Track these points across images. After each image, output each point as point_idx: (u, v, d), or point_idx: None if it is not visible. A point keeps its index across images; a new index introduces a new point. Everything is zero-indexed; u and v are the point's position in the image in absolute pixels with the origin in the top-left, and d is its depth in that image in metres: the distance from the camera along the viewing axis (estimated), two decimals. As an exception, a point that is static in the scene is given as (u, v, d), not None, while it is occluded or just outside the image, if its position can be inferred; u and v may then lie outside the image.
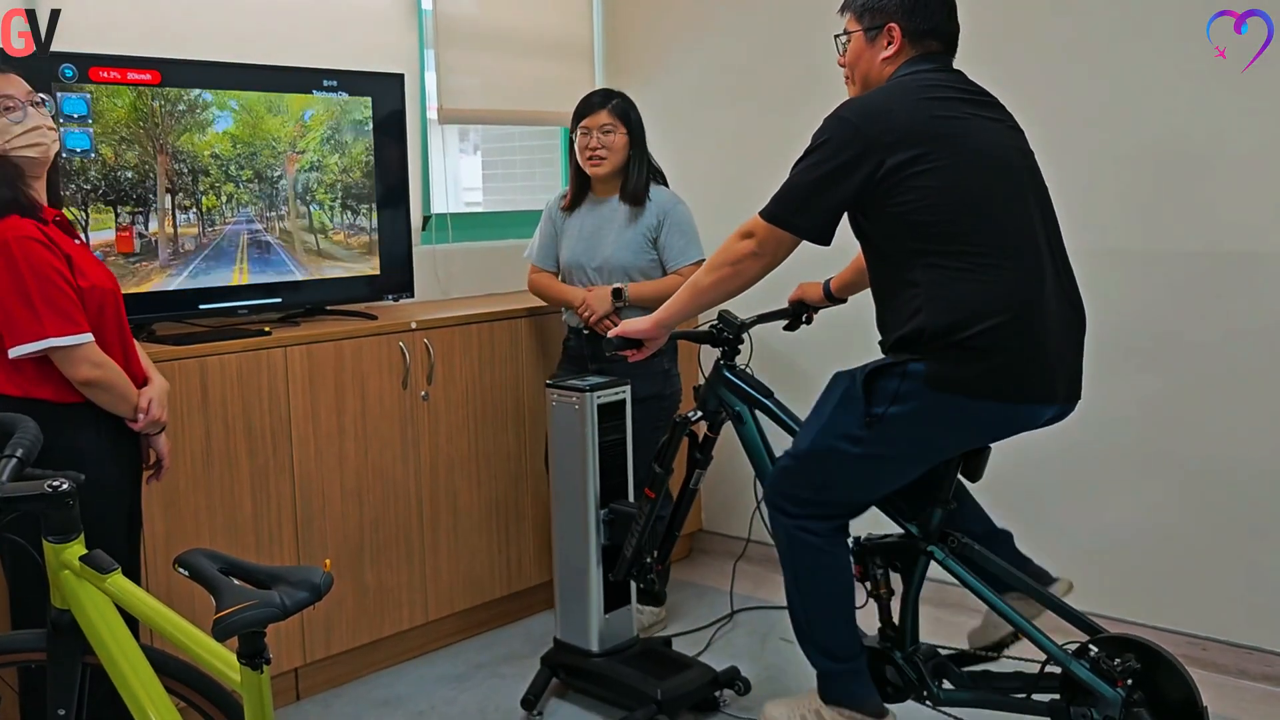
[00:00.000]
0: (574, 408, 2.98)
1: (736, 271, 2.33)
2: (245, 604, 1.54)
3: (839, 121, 2.21)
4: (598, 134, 3.26)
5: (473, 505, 3.38)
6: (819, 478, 2.33)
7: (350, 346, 3.05)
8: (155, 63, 2.83)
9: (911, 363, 2.17)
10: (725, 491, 3.97)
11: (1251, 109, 2.91)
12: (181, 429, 2.72)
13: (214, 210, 2.97)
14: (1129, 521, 3.21)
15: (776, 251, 2.29)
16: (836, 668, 2.41)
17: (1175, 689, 2.24)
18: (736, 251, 2.32)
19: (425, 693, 3.11)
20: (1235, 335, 3.02)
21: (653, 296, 3.08)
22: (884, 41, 2.31)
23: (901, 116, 2.17)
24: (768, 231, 2.26)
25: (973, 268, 2.13)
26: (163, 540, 2.70)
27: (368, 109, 3.24)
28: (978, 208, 2.16)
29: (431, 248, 3.76)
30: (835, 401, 2.29)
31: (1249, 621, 3.07)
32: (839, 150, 2.17)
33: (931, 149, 2.14)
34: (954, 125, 2.19)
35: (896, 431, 2.21)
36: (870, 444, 2.23)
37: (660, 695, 2.79)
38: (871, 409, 2.21)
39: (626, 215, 3.28)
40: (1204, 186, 3.02)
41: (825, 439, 2.29)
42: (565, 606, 3.07)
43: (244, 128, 3.00)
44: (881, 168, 2.14)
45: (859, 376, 2.24)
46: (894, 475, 2.35)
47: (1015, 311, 2.13)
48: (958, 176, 2.15)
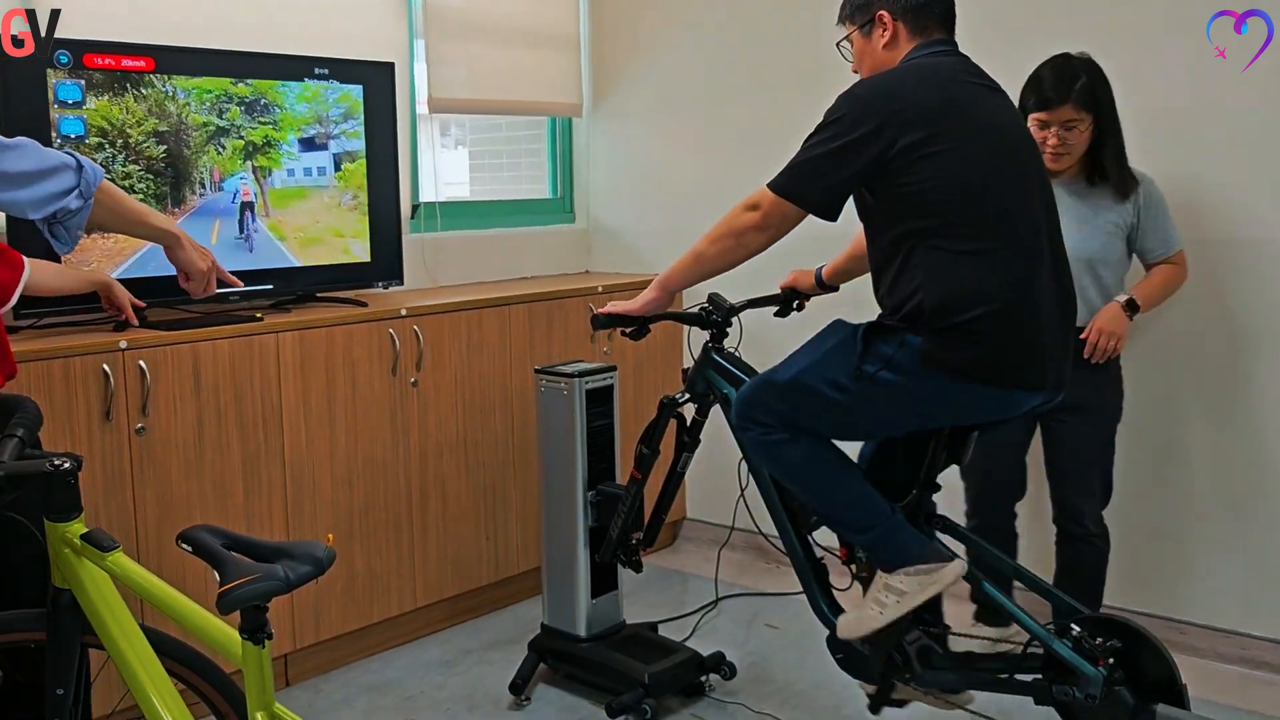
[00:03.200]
0: (563, 393, 3.00)
1: (740, 243, 2.33)
2: (249, 578, 1.56)
3: (853, 99, 2.22)
4: (1058, 130, 2.78)
5: (461, 492, 3.40)
6: (791, 407, 2.31)
7: (341, 333, 3.06)
8: (149, 49, 2.84)
9: (910, 334, 2.18)
10: (709, 479, 3.97)
11: (1248, 100, 2.94)
12: (174, 414, 2.73)
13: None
14: (1107, 505, 3.24)
15: (781, 225, 2.28)
16: (877, 533, 2.32)
17: (1156, 668, 2.26)
18: (741, 223, 2.31)
19: (414, 678, 3.13)
20: (1213, 320, 3.06)
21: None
22: (879, 31, 2.33)
23: (914, 96, 2.18)
24: (774, 204, 2.26)
25: (974, 251, 2.15)
26: (154, 526, 2.71)
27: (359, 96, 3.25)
28: (984, 191, 2.18)
29: (420, 236, 3.78)
30: (830, 345, 2.28)
31: (1226, 605, 3.11)
32: (852, 126, 2.17)
33: (942, 130, 2.16)
34: (965, 108, 2.21)
35: (881, 395, 2.22)
36: (853, 396, 2.23)
37: (647, 680, 2.81)
38: (863, 365, 2.21)
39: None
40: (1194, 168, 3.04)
41: (810, 377, 2.27)
42: (553, 592, 3.09)
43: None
44: (894, 146, 2.15)
45: (860, 330, 2.24)
46: (867, 430, 2.38)
47: (1012, 298, 2.16)
48: (967, 159, 2.17)
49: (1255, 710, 2.89)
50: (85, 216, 1.94)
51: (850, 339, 2.25)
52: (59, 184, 1.89)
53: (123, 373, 2.64)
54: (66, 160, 1.91)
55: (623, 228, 4.33)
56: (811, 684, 3.04)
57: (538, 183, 4.47)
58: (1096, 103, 2.76)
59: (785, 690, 3.02)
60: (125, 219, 2.09)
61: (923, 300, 2.16)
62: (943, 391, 2.20)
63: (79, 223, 1.94)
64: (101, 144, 2.78)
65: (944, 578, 2.26)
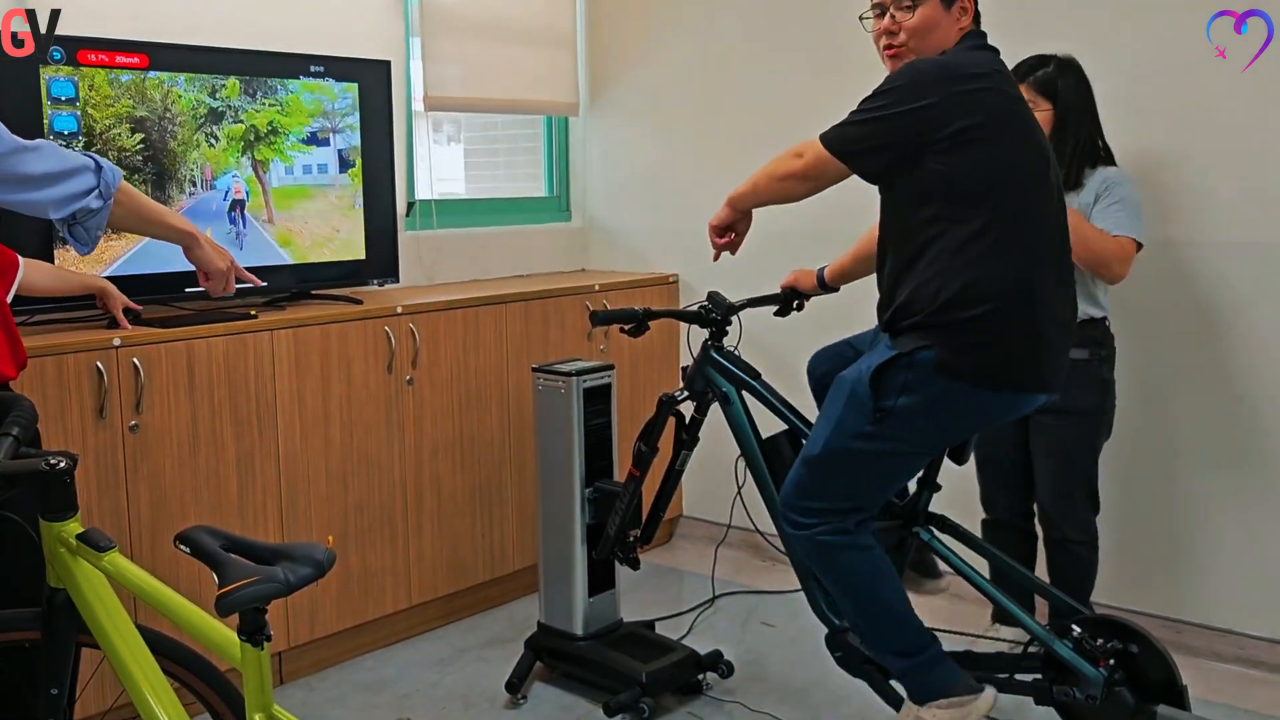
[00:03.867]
0: (560, 392, 2.99)
1: (783, 187, 2.34)
2: (248, 580, 1.54)
3: (916, 72, 2.20)
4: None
5: (456, 490, 3.38)
6: (835, 482, 2.28)
7: (336, 330, 3.04)
8: (143, 46, 2.82)
9: (920, 351, 2.17)
10: (706, 477, 3.96)
11: (1247, 99, 2.94)
12: (168, 412, 2.71)
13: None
14: (1103, 505, 3.22)
15: (822, 177, 2.27)
16: (915, 663, 2.32)
17: (1156, 669, 2.27)
18: (786, 168, 2.31)
19: (409, 676, 3.11)
20: (1215, 321, 3.05)
21: None
22: (957, 12, 2.29)
23: (974, 82, 2.17)
24: (819, 156, 2.24)
25: (991, 244, 2.15)
26: (148, 524, 2.69)
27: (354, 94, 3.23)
28: (1013, 187, 2.18)
29: (416, 233, 3.76)
30: (843, 402, 2.26)
31: (1222, 605, 3.10)
32: (911, 97, 2.16)
33: (991, 119, 2.16)
34: (1013, 103, 2.22)
35: (906, 422, 2.20)
36: (882, 439, 2.22)
37: (645, 678, 2.80)
38: (880, 403, 2.19)
39: None
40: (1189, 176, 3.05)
41: (837, 439, 2.25)
42: (549, 590, 3.07)
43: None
44: (947, 127, 2.13)
45: (865, 375, 2.22)
46: (907, 468, 2.35)
47: (1020, 296, 2.16)
48: (1008, 153, 2.17)
49: (1252, 709, 2.89)
50: (105, 217, 1.97)
51: (857, 388, 2.23)
52: (79, 184, 1.92)
53: (117, 370, 2.62)
54: (86, 161, 1.94)
55: (619, 226, 4.31)
56: (809, 682, 3.03)
57: (534, 181, 4.46)
58: (1056, 94, 2.80)
59: (782, 688, 3.01)
60: (144, 219, 2.11)
61: (932, 289, 2.16)
62: (959, 398, 2.19)
63: (99, 223, 1.96)
64: (90, 142, 2.75)
65: (976, 710, 2.27)
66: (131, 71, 2.80)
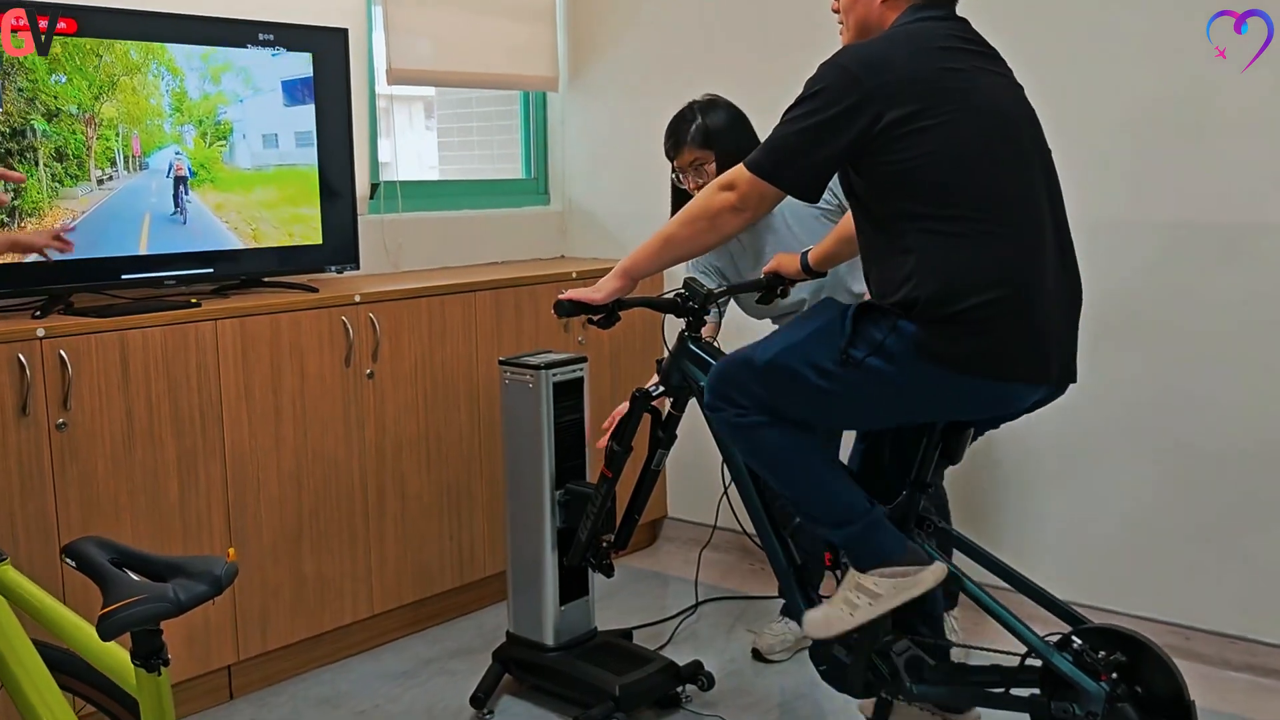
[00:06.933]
0: (528, 386, 2.84)
1: (713, 225, 2.17)
2: (133, 599, 1.38)
3: (836, 69, 2.04)
4: (691, 175, 2.88)
5: (421, 490, 3.21)
6: (769, 390, 2.16)
7: (287, 320, 2.86)
8: (71, 10, 2.62)
9: (903, 320, 2.01)
10: (690, 476, 3.83)
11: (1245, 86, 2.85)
12: (99, 408, 2.53)
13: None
14: (1110, 507, 3.13)
15: (759, 206, 2.14)
16: (853, 530, 2.18)
17: (1162, 683, 2.12)
18: (716, 204, 2.15)
19: (368, 690, 2.96)
20: (1219, 321, 2.95)
21: None
22: None
23: (904, 67, 2.01)
24: (751, 185, 2.10)
25: (969, 234, 1.99)
26: (79, 530, 2.51)
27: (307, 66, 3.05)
28: (979, 169, 2.01)
29: (380, 217, 3.58)
30: (816, 325, 2.13)
31: (1233, 610, 3.00)
32: (834, 100, 2.01)
33: (934, 103, 1.99)
34: (959, 79, 2.04)
35: (869, 383, 2.05)
36: (837, 382, 2.07)
37: (618, 691, 2.68)
38: (851, 349, 2.05)
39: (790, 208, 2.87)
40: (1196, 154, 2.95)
41: (791, 358, 2.12)
42: (518, 598, 2.94)
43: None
44: (880, 121, 1.98)
45: (850, 312, 2.09)
46: (849, 421, 2.25)
47: (1012, 285, 1.99)
48: (960, 134, 2.00)
49: (1265, 721, 2.77)
50: None
51: (838, 320, 2.09)
52: None
53: (41, 363, 2.44)
54: None
55: (601, 210, 4.15)
56: (793, 695, 2.90)
57: (510, 162, 4.28)
58: (709, 138, 2.83)
59: (765, 702, 2.88)
60: None
61: (916, 288, 1.99)
62: (937, 383, 2.03)
63: None
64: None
65: (921, 581, 2.14)
66: (60, 37, 2.61)
